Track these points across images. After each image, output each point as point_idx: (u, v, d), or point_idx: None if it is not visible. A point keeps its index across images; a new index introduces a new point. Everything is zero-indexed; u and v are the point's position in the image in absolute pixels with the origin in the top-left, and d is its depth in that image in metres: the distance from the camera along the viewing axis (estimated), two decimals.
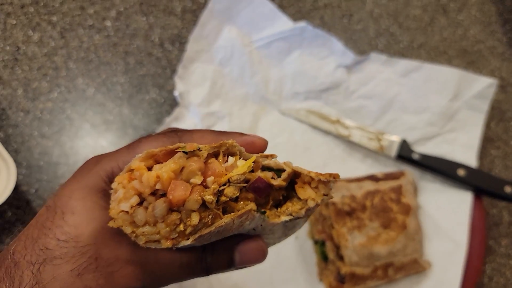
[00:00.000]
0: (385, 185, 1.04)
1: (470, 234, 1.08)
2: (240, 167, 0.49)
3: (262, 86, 1.17)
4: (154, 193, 0.45)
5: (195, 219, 0.46)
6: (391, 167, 1.15)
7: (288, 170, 0.52)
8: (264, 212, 0.52)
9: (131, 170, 0.46)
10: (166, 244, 0.46)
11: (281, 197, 0.55)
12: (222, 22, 1.18)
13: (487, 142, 1.24)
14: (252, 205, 0.49)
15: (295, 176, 0.54)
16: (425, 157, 1.12)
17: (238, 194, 0.48)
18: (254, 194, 0.51)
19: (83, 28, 1.20)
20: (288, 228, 0.59)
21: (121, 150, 0.56)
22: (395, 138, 1.13)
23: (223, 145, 0.50)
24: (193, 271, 0.54)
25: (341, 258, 0.99)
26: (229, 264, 0.55)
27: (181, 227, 0.46)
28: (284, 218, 0.53)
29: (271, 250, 1.04)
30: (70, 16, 1.20)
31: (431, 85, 1.18)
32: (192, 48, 1.16)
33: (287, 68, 1.19)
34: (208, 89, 1.14)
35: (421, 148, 1.16)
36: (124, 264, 0.50)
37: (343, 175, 1.08)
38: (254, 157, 0.51)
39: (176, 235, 0.46)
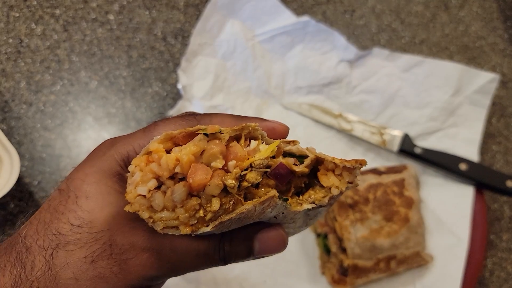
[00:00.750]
0: (387, 179, 1.05)
1: (471, 229, 1.08)
2: (263, 151, 0.47)
3: (265, 80, 1.18)
4: (173, 176, 0.44)
5: (215, 204, 0.44)
6: (393, 161, 1.15)
7: (311, 156, 0.50)
8: (286, 200, 0.50)
9: (149, 153, 0.44)
10: (185, 230, 0.44)
11: (303, 185, 0.53)
12: (225, 16, 1.18)
13: (489, 137, 1.24)
14: (274, 192, 0.47)
15: (318, 163, 0.52)
16: (427, 151, 1.12)
17: (260, 179, 0.46)
18: (276, 180, 0.49)
19: (86, 22, 1.20)
20: (310, 217, 0.57)
21: (137, 133, 0.54)
22: (397, 133, 1.14)
23: (245, 128, 0.48)
24: (211, 260, 0.51)
25: (343, 250, 1.00)
26: (248, 253, 0.52)
27: (201, 213, 0.44)
28: (307, 206, 0.50)
29: None
30: (73, 10, 1.20)
31: (432, 80, 1.19)
32: (195, 41, 1.16)
33: (289, 62, 1.20)
34: (211, 83, 1.14)
35: (423, 143, 1.16)
36: (139, 251, 0.48)
37: None
38: (278, 141, 0.49)
39: (196, 221, 0.44)
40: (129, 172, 0.45)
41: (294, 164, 0.50)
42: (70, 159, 1.09)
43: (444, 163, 1.11)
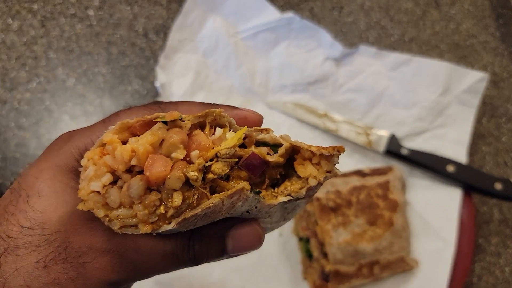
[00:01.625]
0: (372, 181, 1.01)
1: (459, 232, 1.05)
2: (229, 139, 0.43)
3: (248, 78, 1.14)
4: (129, 170, 0.40)
5: (177, 199, 0.40)
6: (379, 163, 1.12)
7: (285, 144, 0.47)
8: (258, 192, 0.46)
9: (103, 144, 0.41)
10: (145, 229, 0.40)
11: (278, 176, 0.49)
12: (207, 11, 1.14)
13: (478, 138, 1.21)
14: (244, 184, 0.43)
15: (294, 152, 0.48)
16: (414, 152, 1.09)
17: (228, 171, 0.43)
18: (248, 172, 0.45)
19: (65, 17, 1.17)
20: (287, 211, 0.53)
21: (96, 125, 0.50)
22: (384, 133, 1.10)
23: (209, 115, 0.44)
24: (179, 260, 0.47)
25: (325, 255, 0.96)
26: (221, 252, 0.48)
27: (162, 209, 0.40)
28: (282, 198, 0.47)
29: None
30: (52, 5, 1.17)
31: (420, 79, 1.15)
32: (175, 37, 1.12)
33: (273, 60, 1.16)
34: (192, 80, 1.11)
35: (410, 144, 1.13)
36: (98, 254, 0.44)
37: None
38: (245, 128, 0.45)
39: (156, 219, 0.40)
40: (82, 166, 0.41)
41: (268, 153, 0.46)
42: None
43: (431, 165, 1.08)
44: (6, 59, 1.11)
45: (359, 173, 1.04)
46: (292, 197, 0.47)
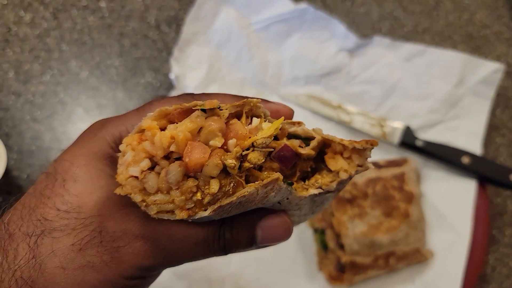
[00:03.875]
0: (387, 172, 1.01)
1: (473, 224, 1.05)
2: (265, 129, 0.43)
3: (261, 70, 1.14)
4: (167, 156, 0.40)
5: (214, 186, 0.40)
6: (394, 154, 1.12)
7: (317, 138, 0.47)
8: (291, 183, 0.46)
9: (142, 131, 0.41)
10: (181, 214, 0.41)
11: (309, 169, 0.49)
12: (220, 4, 1.13)
13: (492, 129, 1.20)
14: (278, 174, 0.43)
15: (325, 146, 0.49)
16: (429, 144, 1.08)
17: (263, 160, 0.43)
18: (280, 164, 0.45)
19: (77, 9, 1.16)
20: (316, 204, 0.53)
21: (130, 113, 0.51)
22: (398, 125, 1.10)
23: (246, 104, 0.44)
24: (210, 249, 0.48)
25: (341, 247, 0.96)
26: (251, 242, 0.49)
27: (198, 195, 0.40)
28: (313, 191, 0.47)
29: None
30: None
31: (435, 70, 1.15)
32: (189, 30, 1.12)
33: (286, 52, 1.15)
34: (205, 73, 1.10)
35: (424, 135, 1.12)
36: (132, 239, 0.45)
37: None
38: (282, 119, 0.45)
39: (193, 205, 0.41)
40: (120, 152, 0.42)
41: (300, 146, 0.47)
42: (60, 151, 1.06)
43: (446, 156, 1.08)
44: (19, 52, 1.11)
45: (375, 164, 1.04)
46: (323, 190, 0.48)
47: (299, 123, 0.48)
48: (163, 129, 0.41)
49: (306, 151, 0.47)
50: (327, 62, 1.15)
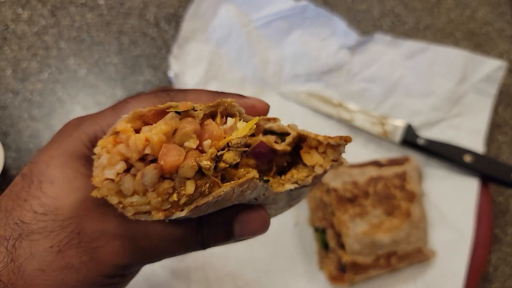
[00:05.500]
0: (388, 171, 1.00)
1: (475, 223, 1.04)
2: (240, 129, 0.44)
3: (261, 67, 1.12)
4: (143, 158, 0.40)
5: (190, 188, 0.41)
6: (395, 153, 1.11)
7: (293, 133, 0.48)
8: (267, 181, 0.47)
9: (116, 133, 0.41)
10: (158, 216, 0.41)
11: (285, 164, 0.50)
12: (219, 0, 1.12)
13: (494, 127, 1.19)
14: (254, 173, 0.44)
15: (301, 140, 0.50)
16: (430, 142, 1.07)
17: (238, 160, 0.43)
18: (256, 160, 0.46)
19: (75, 6, 1.15)
20: (293, 198, 0.55)
21: (105, 112, 0.51)
22: (400, 123, 1.09)
23: (221, 105, 0.44)
24: (188, 244, 0.49)
25: (342, 246, 0.96)
26: (228, 236, 0.50)
27: (175, 196, 0.41)
28: (289, 186, 0.48)
29: (269, 239, 1.01)
30: None
31: (437, 68, 1.14)
32: (188, 27, 1.10)
33: (287, 49, 1.14)
34: (205, 70, 1.09)
35: (426, 134, 1.11)
36: (111, 238, 0.46)
37: None
38: (256, 118, 0.46)
39: (169, 206, 0.41)
40: (95, 154, 0.42)
41: (275, 142, 0.48)
42: None
43: (448, 155, 1.07)
44: (17, 49, 1.10)
45: (376, 163, 1.03)
46: (299, 184, 0.49)
47: (275, 119, 0.49)
48: (137, 130, 0.41)
49: (281, 147, 0.48)
50: (328, 60, 1.14)
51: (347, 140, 0.47)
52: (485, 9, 1.30)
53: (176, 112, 0.41)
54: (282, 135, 0.49)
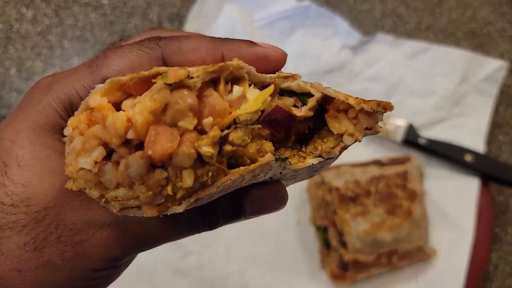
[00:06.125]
0: (390, 170, 1.01)
1: (476, 222, 1.05)
2: (251, 101, 0.35)
3: None
4: (127, 141, 0.32)
5: (188, 179, 0.32)
6: (397, 152, 1.11)
7: (316, 95, 0.39)
8: (285, 159, 0.39)
9: (91, 109, 0.33)
10: (150, 212, 0.33)
11: (306, 131, 0.41)
12: (222, 0, 1.13)
13: (495, 127, 1.20)
14: (269, 154, 0.36)
15: (326, 102, 0.40)
16: (431, 142, 1.08)
17: (249, 140, 0.35)
18: (271, 129, 0.37)
19: (79, 6, 1.16)
20: (314, 169, 0.45)
21: (79, 68, 0.40)
22: (401, 122, 1.10)
23: (225, 69, 0.34)
24: (191, 227, 0.42)
25: (344, 245, 0.96)
26: (238, 215, 0.43)
27: (169, 190, 0.33)
28: (312, 161, 0.40)
29: (271, 237, 1.01)
30: None
31: (438, 68, 1.14)
32: (191, 26, 1.11)
33: (289, 49, 1.15)
34: None
35: (427, 133, 1.12)
36: (97, 229, 0.38)
37: (346, 160, 1.04)
38: (272, 87, 0.37)
39: (163, 200, 0.34)
40: (65, 136, 0.34)
41: (295, 105, 0.39)
42: None
43: (449, 154, 1.08)
44: (21, 49, 1.10)
45: (378, 162, 1.04)
46: (323, 158, 0.40)
47: (294, 77, 0.40)
48: (117, 104, 0.33)
49: (302, 112, 0.38)
50: (330, 59, 1.14)
51: (386, 107, 0.38)
52: (487, 9, 1.30)
53: (165, 83, 0.32)
54: (303, 96, 0.39)
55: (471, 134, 1.12)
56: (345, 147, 0.40)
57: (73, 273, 0.39)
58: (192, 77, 0.32)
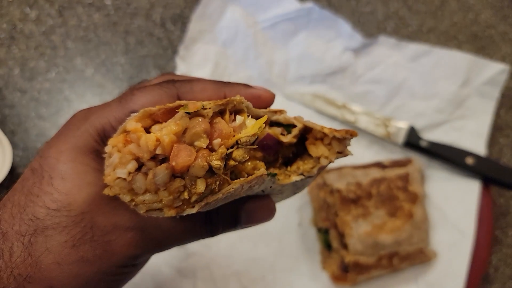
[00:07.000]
0: (391, 173, 1.02)
1: (476, 224, 1.06)
2: (250, 127, 0.44)
3: (267, 68, 1.14)
4: (154, 157, 0.41)
5: (201, 186, 0.42)
6: (398, 154, 1.12)
7: (299, 125, 0.49)
8: (274, 175, 0.48)
9: (127, 132, 0.42)
10: (170, 213, 0.42)
11: (291, 154, 0.52)
12: (226, 2, 1.13)
13: (496, 130, 1.20)
14: (262, 169, 0.45)
15: (306, 132, 0.51)
16: (433, 144, 1.08)
17: (247, 157, 0.44)
18: (263, 152, 0.47)
19: (82, 6, 1.16)
20: (297, 187, 0.56)
21: (112, 104, 0.51)
22: (403, 125, 1.10)
23: (230, 103, 0.45)
24: (197, 233, 0.51)
25: (345, 246, 0.97)
26: (235, 224, 0.53)
27: (186, 194, 0.42)
28: (295, 178, 0.50)
29: (273, 238, 1.02)
30: None
31: (440, 71, 1.15)
32: (195, 28, 1.12)
33: (292, 51, 1.15)
34: (211, 71, 1.10)
35: (429, 135, 1.13)
36: (123, 231, 0.48)
37: (348, 162, 1.05)
38: (265, 117, 0.46)
39: (180, 203, 0.43)
40: (106, 152, 0.43)
41: (282, 134, 0.49)
42: None
43: (450, 157, 1.08)
44: (25, 49, 1.11)
45: (379, 165, 1.04)
46: (305, 176, 0.50)
47: (281, 111, 0.50)
48: (147, 129, 0.42)
49: (288, 139, 0.49)
50: (333, 62, 1.15)
51: (352, 134, 0.48)
52: (488, 12, 1.31)
53: (186, 112, 0.42)
54: (288, 126, 0.50)
55: (473, 136, 1.13)
56: (322, 168, 0.50)
57: (102, 268, 0.47)
58: (205, 108, 0.42)
